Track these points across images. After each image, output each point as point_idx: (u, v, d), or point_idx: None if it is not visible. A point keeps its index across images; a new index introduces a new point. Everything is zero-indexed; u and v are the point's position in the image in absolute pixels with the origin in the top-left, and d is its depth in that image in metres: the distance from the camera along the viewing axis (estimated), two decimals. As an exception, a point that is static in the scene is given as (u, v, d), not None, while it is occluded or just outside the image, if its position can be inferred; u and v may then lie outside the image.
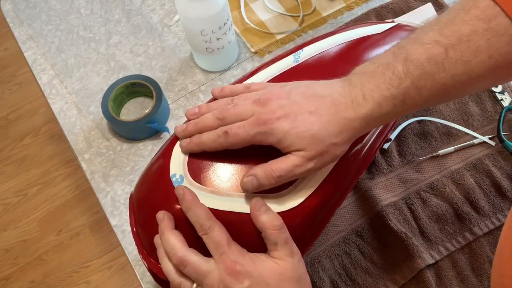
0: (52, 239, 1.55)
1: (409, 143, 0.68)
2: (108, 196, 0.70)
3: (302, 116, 0.45)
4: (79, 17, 0.86)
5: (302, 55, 0.58)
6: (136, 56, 0.81)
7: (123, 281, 1.47)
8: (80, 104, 0.78)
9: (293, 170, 0.45)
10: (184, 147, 0.51)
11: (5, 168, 1.69)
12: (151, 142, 0.73)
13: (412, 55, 0.43)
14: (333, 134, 0.45)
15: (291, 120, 0.45)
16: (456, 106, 0.71)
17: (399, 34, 0.62)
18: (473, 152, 0.67)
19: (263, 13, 0.82)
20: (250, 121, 0.46)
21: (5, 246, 1.56)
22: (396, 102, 0.44)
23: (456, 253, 0.62)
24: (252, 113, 0.47)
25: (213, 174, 0.50)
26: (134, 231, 0.52)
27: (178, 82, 0.78)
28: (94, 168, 0.72)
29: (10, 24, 0.87)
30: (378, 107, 0.44)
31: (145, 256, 0.51)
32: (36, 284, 1.49)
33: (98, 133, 0.75)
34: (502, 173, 0.65)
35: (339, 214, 0.64)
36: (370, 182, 0.65)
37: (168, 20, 0.85)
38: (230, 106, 0.49)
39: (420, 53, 0.43)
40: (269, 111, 0.46)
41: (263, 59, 0.79)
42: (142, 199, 0.52)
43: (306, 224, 0.50)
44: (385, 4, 0.80)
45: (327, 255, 0.62)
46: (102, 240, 1.54)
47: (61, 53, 0.83)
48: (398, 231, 0.62)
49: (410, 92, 0.43)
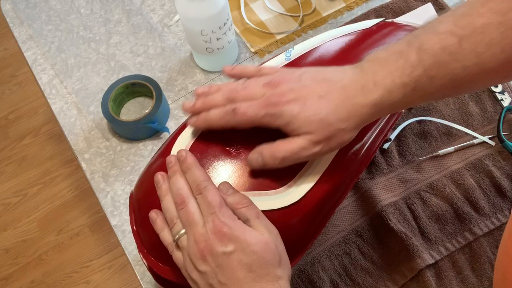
0: (52, 239, 1.55)
1: (409, 143, 0.68)
2: (108, 196, 0.70)
3: (311, 100, 0.45)
4: (79, 17, 0.86)
5: (293, 53, 0.59)
6: (136, 56, 0.81)
7: (123, 281, 1.47)
8: (80, 104, 0.78)
9: (298, 152, 0.46)
10: (191, 123, 0.51)
11: (5, 168, 1.69)
12: (151, 142, 0.73)
13: (426, 44, 0.44)
14: (342, 119, 0.45)
15: (300, 103, 0.45)
16: (456, 106, 0.71)
17: (384, 30, 0.63)
18: (473, 152, 0.67)
19: (263, 13, 0.82)
20: (260, 102, 0.47)
21: (5, 246, 1.56)
22: (407, 90, 0.44)
23: (456, 253, 0.62)
24: (263, 95, 0.47)
25: (213, 173, 0.50)
26: (134, 230, 0.52)
27: (178, 82, 0.78)
28: (94, 168, 0.72)
29: (10, 24, 0.87)
30: (388, 94, 0.44)
31: (145, 254, 0.51)
32: (36, 284, 1.49)
33: (98, 133, 0.75)
34: (502, 173, 0.65)
35: (339, 214, 0.64)
36: (370, 182, 0.65)
37: (168, 20, 0.85)
38: (240, 88, 0.49)
39: (434, 42, 0.43)
40: (279, 93, 0.46)
41: (263, 59, 0.79)
42: (142, 198, 0.53)
43: (307, 221, 0.50)
44: (385, 4, 0.80)
45: (327, 255, 0.62)
46: (102, 240, 1.54)
47: (61, 53, 0.83)
48: (398, 231, 0.62)
49: (421, 81, 0.43)
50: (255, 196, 0.48)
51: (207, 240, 0.44)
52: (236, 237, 0.44)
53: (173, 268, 0.49)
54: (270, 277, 0.43)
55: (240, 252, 0.43)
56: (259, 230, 0.45)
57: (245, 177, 0.50)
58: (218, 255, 0.43)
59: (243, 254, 0.43)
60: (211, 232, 0.44)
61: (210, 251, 0.44)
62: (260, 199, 0.48)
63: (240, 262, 0.43)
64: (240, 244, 0.43)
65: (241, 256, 0.43)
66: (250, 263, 0.43)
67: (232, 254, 0.43)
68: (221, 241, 0.43)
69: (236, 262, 0.43)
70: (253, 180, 0.50)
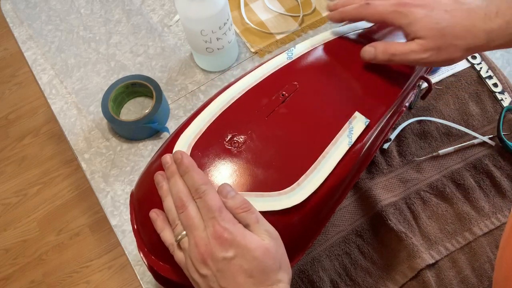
0: (52, 239, 1.55)
1: (409, 143, 0.68)
2: (108, 196, 0.70)
3: (437, 10, 0.51)
4: (79, 17, 0.86)
5: (295, 52, 0.59)
6: (136, 56, 0.81)
7: (123, 281, 1.47)
8: (80, 104, 0.78)
9: (408, 54, 0.52)
10: (328, 16, 0.58)
11: (5, 168, 1.69)
12: (151, 142, 0.73)
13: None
14: (457, 36, 0.50)
15: (427, 10, 0.51)
16: (456, 106, 0.71)
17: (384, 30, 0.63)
18: (473, 152, 0.67)
19: (263, 13, 0.82)
20: (392, 1, 0.53)
21: (5, 246, 1.56)
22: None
23: (456, 253, 0.62)
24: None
25: (216, 173, 0.50)
26: (135, 229, 0.52)
27: (178, 82, 0.78)
28: (94, 168, 0.72)
29: (10, 24, 0.87)
30: (506, 25, 0.49)
31: (146, 253, 0.51)
32: (36, 284, 1.49)
33: (98, 133, 0.75)
34: (502, 173, 0.65)
35: (339, 214, 0.64)
36: (370, 182, 0.65)
37: (168, 20, 0.85)
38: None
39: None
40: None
41: (263, 59, 0.79)
42: (143, 196, 0.53)
43: (307, 221, 0.50)
44: (385, 4, 0.80)
45: (327, 255, 0.62)
46: (102, 240, 1.54)
47: (61, 53, 0.83)
48: (398, 231, 0.62)
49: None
50: (257, 197, 0.48)
51: (207, 244, 0.44)
52: (237, 243, 0.44)
53: (174, 267, 0.49)
54: (270, 282, 0.44)
55: (241, 257, 0.43)
56: (259, 235, 0.45)
57: (246, 177, 0.50)
58: (219, 260, 0.43)
59: (244, 259, 0.43)
60: (211, 237, 0.44)
61: (210, 255, 0.44)
62: (263, 200, 0.48)
63: (241, 268, 0.43)
64: (241, 250, 0.43)
65: (241, 262, 0.43)
66: (250, 269, 0.43)
67: (233, 259, 0.43)
68: (221, 246, 0.43)
69: (237, 267, 0.43)
70: (255, 180, 0.49)
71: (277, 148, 0.51)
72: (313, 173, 0.50)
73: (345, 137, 0.52)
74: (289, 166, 0.50)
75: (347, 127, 0.53)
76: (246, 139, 0.51)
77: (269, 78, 0.57)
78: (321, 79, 0.57)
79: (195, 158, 0.50)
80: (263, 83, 0.56)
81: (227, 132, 0.52)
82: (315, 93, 0.56)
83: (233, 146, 0.51)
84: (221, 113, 0.53)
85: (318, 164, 0.50)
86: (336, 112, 0.55)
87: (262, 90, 0.56)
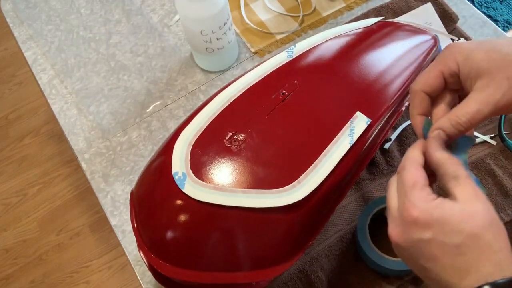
0: (52, 239, 1.55)
1: (410, 143, 0.68)
2: (108, 196, 0.70)
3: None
4: (79, 17, 0.86)
5: (295, 50, 0.59)
6: (136, 56, 0.81)
7: (123, 281, 1.47)
8: (80, 104, 0.78)
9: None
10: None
11: (5, 168, 1.69)
12: (151, 142, 0.73)
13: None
14: None
15: None
16: (457, 106, 0.71)
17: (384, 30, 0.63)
18: (475, 152, 0.67)
19: (263, 13, 0.82)
20: None
21: (5, 246, 1.56)
22: None
23: (456, 253, 0.61)
24: None
25: (216, 171, 0.50)
26: (135, 227, 0.52)
27: (178, 82, 0.78)
28: (94, 168, 0.72)
29: (10, 24, 0.87)
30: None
31: (146, 252, 0.51)
32: (36, 284, 1.49)
33: (98, 133, 0.75)
34: (504, 172, 0.65)
35: (338, 214, 0.64)
36: (371, 182, 0.65)
37: (168, 20, 0.84)
38: None
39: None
40: None
41: (263, 59, 0.79)
42: (143, 196, 0.53)
43: (308, 219, 0.50)
44: (385, 4, 0.80)
45: (326, 255, 0.62)
46: (102, 240, 1.53)
47: (61, 53, 0.83)
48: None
49: None
50: (257, 194, 0.48)
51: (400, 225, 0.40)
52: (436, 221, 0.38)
53: (173, 266, 0.49)
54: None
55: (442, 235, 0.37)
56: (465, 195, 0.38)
57: (246, 174, 0.49)
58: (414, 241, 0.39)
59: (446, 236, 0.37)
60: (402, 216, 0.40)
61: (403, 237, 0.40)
62: (263, 197, 0.48)
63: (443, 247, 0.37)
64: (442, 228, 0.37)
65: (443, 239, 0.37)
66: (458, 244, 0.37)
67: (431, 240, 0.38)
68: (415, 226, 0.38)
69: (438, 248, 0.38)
70: (255, 178, 0.49)
71: (277, 147, 0.51)
72: (313, 171, 0.50)
73: (346, 136, 0.52)
74: (289, 164, 0.50)
75: (348, 126, 0.53)
76: (246, 138, 0.51)
77: (269, 77, 0.57)
78: (321, 77, 0.57)
79: (195, 157, 0.50)
80: (263, 81, 0.56)
81: (227, 130, 0.52)
82: (315, 92, 0.56)
83: (233, 145, 0.51)
84: (221, 111, 0.53)
85: (318, 162, 0.50)
86: (336, 110, 0.55)
87: (262, 89, 0.56)
